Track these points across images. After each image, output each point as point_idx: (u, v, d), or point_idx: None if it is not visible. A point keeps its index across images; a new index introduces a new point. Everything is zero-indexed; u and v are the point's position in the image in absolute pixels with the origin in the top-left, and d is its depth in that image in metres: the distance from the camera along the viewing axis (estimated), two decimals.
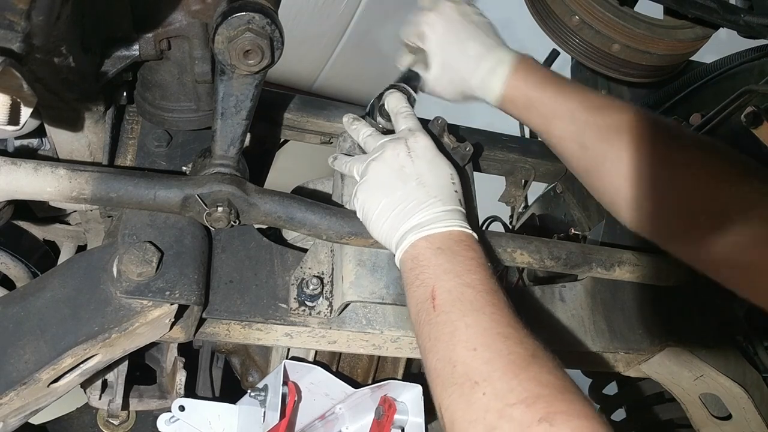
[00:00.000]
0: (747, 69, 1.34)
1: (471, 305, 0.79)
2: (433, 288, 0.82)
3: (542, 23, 1.27)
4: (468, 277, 0.82)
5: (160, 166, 1.06)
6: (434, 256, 0.85)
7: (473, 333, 0.76)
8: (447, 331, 0.78)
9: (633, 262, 1.14)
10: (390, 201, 0.90)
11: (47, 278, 0.91)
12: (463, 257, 0.84)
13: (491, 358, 0.73)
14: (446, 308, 0.80)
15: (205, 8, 0.90)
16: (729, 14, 1.12)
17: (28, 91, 0.71)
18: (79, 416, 1.39)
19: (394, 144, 0.95)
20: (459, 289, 0.81)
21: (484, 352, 0.74)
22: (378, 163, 0.94)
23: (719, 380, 1.21)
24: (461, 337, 0.76)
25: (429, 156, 0.94)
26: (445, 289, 0.81)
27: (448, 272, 0.83)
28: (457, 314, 0.79)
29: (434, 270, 0.84)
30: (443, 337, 0.78)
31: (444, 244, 0.86)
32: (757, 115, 1.12)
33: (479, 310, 0.78)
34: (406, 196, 0.90)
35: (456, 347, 0.76)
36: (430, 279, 0.83)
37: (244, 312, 1.00)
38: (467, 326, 0.77)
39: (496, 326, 0.77)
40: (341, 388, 1.19)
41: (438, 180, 0.92)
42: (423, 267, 0.85)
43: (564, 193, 1.47)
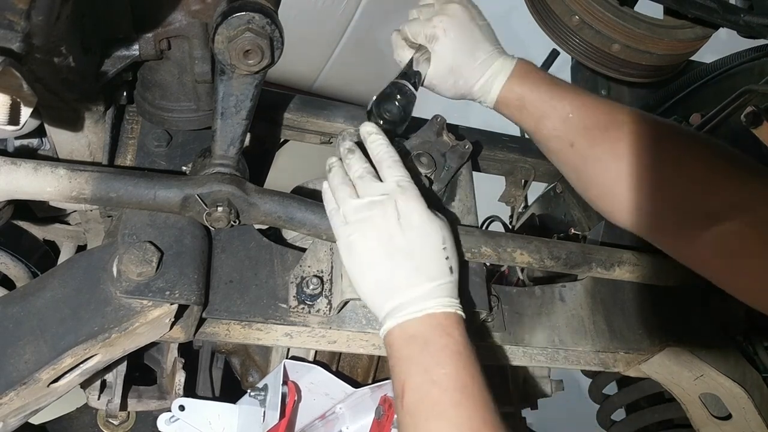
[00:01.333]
0: (747, 69, 1.34)
1: (434, 408, 0.79)
2: (403, 384, 0.82)
3: (542, 23, 1.27)
4: (436, 372, 0.80)
5: (160, 166, 1.06)
6: (406, 346, 0.84)
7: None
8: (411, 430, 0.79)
9: (633, 262, 1.14)
10: (374, 274, 0.88)
11: (47, 278, 0.91)
12: (435, 347, 0.82)
13: None
14: (412, 409, 0.80)
15: (205, 8, 0.90)
16: (729, 14, 1.12)
17: (28, 91, 0.71)
18: (79, 416, 1.39)
19: (383, 207, 0.88)
20: (425, 387, 0.80)
21: None
22: (366, 227, 0.88)
23: (719, 380, 1.21)
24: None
25: (419, 222, 0.88)
26: (412, 388, 0.81)
27: (417, 365, 0.82)
28: (421, 418, 0.79)
29: (405, 363, 0.83)
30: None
31: (418, 331, 0.84)
32: (757, 115, 1.12)
33: (441, 415, 0.78)
34: (392, 272, 0.86)
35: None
36: (402, 373, 0.83)
37: (244, 312, 1.00)
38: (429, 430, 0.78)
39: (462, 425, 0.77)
40: (341, 387, 1.19)
41: (427, 249, 0.87)
42: (397, 358, 0.84)
43: (564, 193, 1.47)
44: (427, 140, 1.07)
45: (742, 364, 1.25)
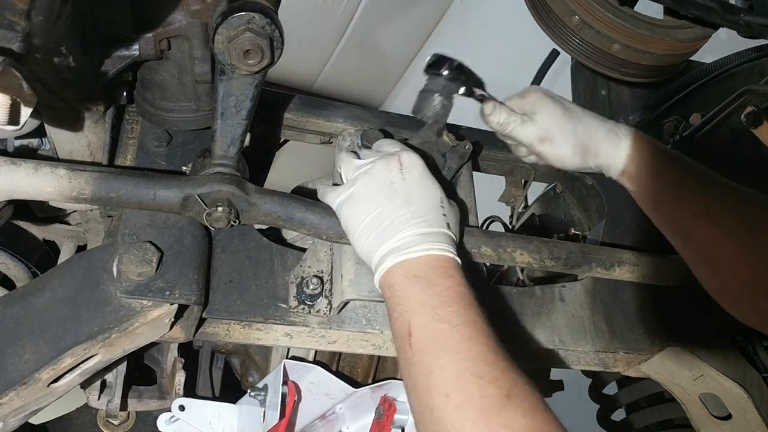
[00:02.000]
0: (747, 69, 1.34)
1: (445, 344, 0.77)
2: (409, 323, 0.80)
3: (542, 23, 1.27)
4: (443, 310, 0.79)
5: (160, 166, 1.06)
6: (409, 286, 0.82)
7: (447, 377, 0.75)
8: (423, 374, 0.77)
9: (633, 262, 1.14)
10: (373, 217, 0.88)
11: (47, 278, 0.91)
12: (439, 287, 0.82)
13: (463, 404, 0.72)
14: (421, 348, 0.78)
15: (205, 8, 0.90)
16: (729, 14, 1.12)
17: (28, 91, 0.71)
18: (79, 416, 1.39)
19: (387, 159, 0.92)
20: (433, 325, 0.79)
21: (457, 398, 0.73)
22: (367, 176, 0.91)
23: (719, 380, 1.21)
24: (436, 381, 0.75)
25: (420, 175, 0.91)
26: (420, 326, 0.79)
27: (423, 305, 0.80)
28: (432, 355, 0.77)
29: (410, 301, 0.81)
30: (420, 379, 0.77)
31: (420, 272, 0.83)
32: (757, 115, 1.12)
33: (453, 348, 0.76)
34: (391, 213, 0.87)
35: (431, 392, 0.75)
36: (406, 313, 0.81)
37: (244, 312, 1.00)
38: (441, 369, 0.76)
39: (471, 366, 0.75)
40: (341, 387, 1.19)
41: (426, 201, 0.89)
42: (399, 297, 0.83)
43: (564, 193, 1.47)
44: (428, 140, 1.07)
45: (742, 364, 1.25)
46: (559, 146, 1.05)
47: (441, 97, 1.05)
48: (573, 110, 1.07)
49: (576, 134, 1.05)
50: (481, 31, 3.70)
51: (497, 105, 1.06)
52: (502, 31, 3.28)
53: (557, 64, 1.60)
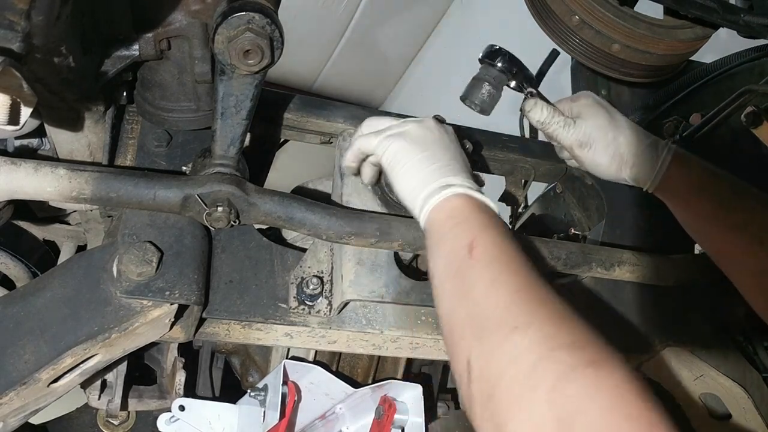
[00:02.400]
0: (747, 69, 1.34)
1: (512, 259, 0.76)
2: (473, 239, 0.79)
3: (542, 23, 1.27)
4: (508, 238, 0.80)
5: (160, 166, 1.06)
6: (476, 212, 0.84)
7: (515, 282, 0.73)
8: (486, 278, 0.75)
9: (633, 262, 1.14)
10: (428, 156, 0.90)
11: (47, 278, 0.91)
12: (501, 224, 0.83)
13: (533, 306, 0.70)
14: (486, 257, 0.77)
15: (205, 8, 0.90)
16: (729, 14, 1.12)
17: (28, 91, 0.71)
18: (79, 416, 1.39)
19: (416, 121, 0.96)
20: (502, 243, 0.78)
21: (527, 300, 0.71)
22: (419, 126, 0.94)
23: (719, 380, 1.21)
24: (501, 284, 0.73)
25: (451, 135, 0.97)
26: (488, 240, 0.79)
27: (490, 227, 0.81)
28: (498, 264, 0.76)
29: (477, 222, 0.82)
30: (481, 283, 0.75)
31: (483, 208, 0.85)
32: (757, 115, 1.12)
33: (521, 264, 0.76)
34: (445, 158, 0.90)
35: (496, 293, 0.73)
36: (470, 231, 0.81)
37: (244, 312, 1.00)
38: (508, 274, 0.74)
39: (537, 283, 0.74)
40: (341, 387, 1.19)
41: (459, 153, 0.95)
42: (460, 219, 0.83)
43: (564, 193, 1.47)
44: None
45: (742, 364, 1.25)
46: (597, 153, 1.08)
47: (490, 86, 1.09)
48: (618, 121, 1.08)
49: (616, 144, 1.07)
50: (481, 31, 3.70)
51: (539, 102, 1.09)
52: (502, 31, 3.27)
53: (557, 64, 1.60)
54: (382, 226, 0.99)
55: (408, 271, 1.04)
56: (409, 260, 1.15)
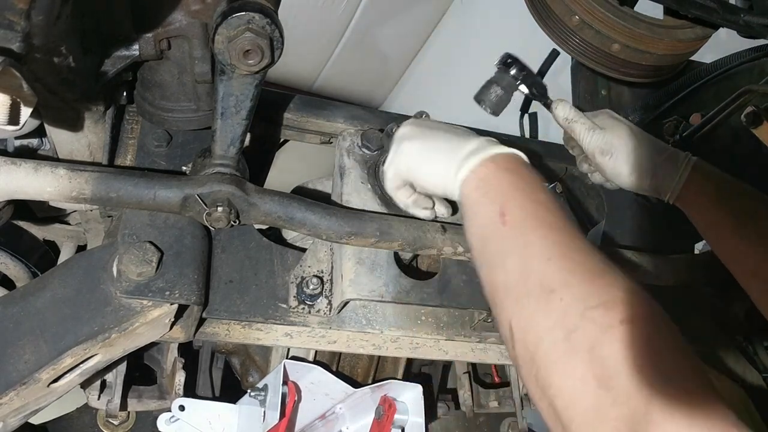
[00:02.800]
0: (747, 69, 1.34)
1: (544, 221, 0.79)
2: (503, 204, 0.81)
3: (542, 23, 1.27)
4: (537, 195, 0.82)
5: (160, 166, 1.06)
6: (502, 176, 0.85)
7: (548, 245, 0.75)
8: (519, 244, 0.77)
9: (633, 262, 1.14)
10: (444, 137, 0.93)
11: (47, 278, 0.91)
12: (529, 177, 0.85)
13: (567, 267, 0.72)
14: (518, 223, 0.79)
15: (205, 8, 0.90)
16: (729, 14, 1.12)
17: (28, 91, 0.71)
18: (79, 416, 1.39)
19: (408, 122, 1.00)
20: (531, 205, 0.80)
21: (560, 262, 0.73)
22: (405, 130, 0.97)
23: (719, 380, 1.21)
24: (535, 249, 0.75)
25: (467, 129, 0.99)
26: (517, 205, 0.81)
27: (518, 190, 0.83)
28: (530, 228, 0.78)
29: (504, 188, 0.84)
30: (515, 249, 0.77)
31: (509, 165, 0.86)
32: (757, 115, 1.12)
33: (552, 225, 0.78)
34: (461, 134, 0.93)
35: (530, 258, 0.75)
36: (500, 196, 0.83)
37: (244, 312, 1.00)
38: (541, 238, 0.76)
39: (569, 240, 0.76)
40: (341, 387, 1.19)
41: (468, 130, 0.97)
42: (491, 186, 0.85)
43: (564, 193, 1.47)
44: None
45: (742, 364, 1.25)
46: (618, 161, 1.09)
47: (501, 90, 1.12)
48: (638, 134, 1.10)
49: (637, 154, 1.08)
50: (481, 31, 3.69)
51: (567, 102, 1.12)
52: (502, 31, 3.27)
53: (557, 64, 1.60)
54: (382, 226, 0.99)
55: (408, 271, 1.04)
56: (409, 260, 1.15)
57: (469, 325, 1.11)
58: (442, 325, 1.09)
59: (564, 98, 1.14)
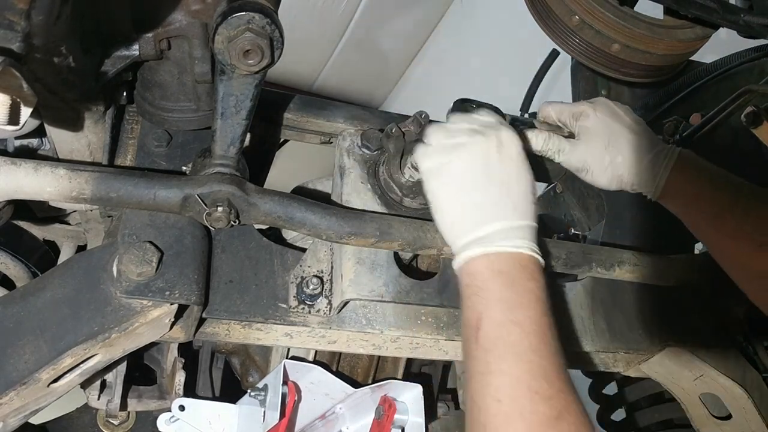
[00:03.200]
0: (747, 69, 1.34)
1: (512, 348, 0.77)
2: (480, 316, 0.79)
3: (542, 23, 1.27)
4: (519, 313, 0.79)
5: (160, 166, 1.06)
6: (492, 279, 0.81)
7: (504, 382, 0.75)
8: (480, 371, 0.77)
9: (633, 262, 1.14)
10: (467, 199, 0.86)
11: (47, 278, 0.91)
12: (521, 288, 0.81)
13: (511, 415, 0.73)
14: (487, 344, 0.78)
15: (205, 8, 0.90)
16: (729, 14, 1.12)
17: (28, 91, 0.71)
18: (79, 416, 1.39)
19: (485, 134, 0.88)
20: (505, 326, 0.78)
21: (508, 407, 0.73)
22: (465, 150, 0.87)
23: (719, 380, 1.21)
24: (492, 382, 0.76)
25: (518, 159, 0.89)
26: (492, 322, 0.79)
27: (500, 301, 0.80)
28: (495, 355, 0.77)
29: (487, 295, 0.81)
30: (476, 377, 0.77)
31: (505, 267, 0.82)
32: (757, 115, 1.12)
33: (519, 356, 0.76)
34: (486, 198, 0.85)
35: (484, 392, 0.75)
36: (481, 305, 0.80)
37: (244, 312, 1.00)
38: (501, 373, 0.76)
39: (529, 378, 0.75)
40: (341, 387, 1.19)
41: (521, 188, 0.87)
42: (477, 288, 0.82)
43: (564, 193, 1.47)
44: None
45: (742, 364, 1.25)
46: (595, 177, 1.07)
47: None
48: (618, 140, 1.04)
49: (613, 167, 1.05)
50: (481, 31, 3.70)
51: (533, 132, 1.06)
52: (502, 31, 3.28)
53: (557, 64, 1.60)
54: (382, 226, 0.99)
55: (408, 271, 1.04)
56: (409, 259, 1.15)
57: None
58: (442, 325, 1.09)
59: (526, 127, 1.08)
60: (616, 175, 1.05)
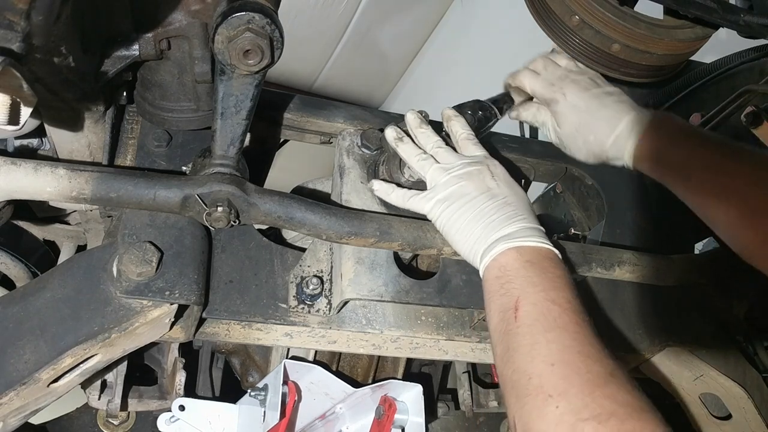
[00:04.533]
0: (747, 69, 1.34)
1: (554, 322, 0.80)
2: (518, 299, 0.83)
3: (542, 23, 1.27)
4: (554, 293, 0.83)
5: (160, 166, 1.06)
6: (523, 268, 0.86)
7: (554, 348, 0.77)
8: (526, 343, 0.79)
9: (633, 262, 1.14)
10: (477, 215, 0.92)
11: (47, 278, 0.91)
12: (551, 273, 0.86)
13: (568, 374, 0.74)
14: (529, 321, 0.81)
15: (205, 8, 0.90)
16: (729, 14, 1.12)
17: (28, 91, 0.71)
18: (79, 416, 1.39)
19: (477, 166, 0.97)
20: (544, 303, 0.82)
21: (563, 368, 0.75)
22: (464, 180, 0.95)
23: (719, 380, 1.21)
24: (541, 351, 0.78)
25: (510, 181, 0.98)
26: (530, 302, 0.82)
27: (535, 285, 0.84)
28: (539, 328, 0.80)
29: (521, 281, 0.85)
30: (522, 348, 0.79)
31: (533, 258, 0.87)
32: (757, 115, 1.12)
33: (562, 327, 0.79)
34: (495, 211, 0.92)
35: (534, 360, 0.77)
36: (516, 290, 0.84)
37: (244, 312, 1.00)
38: (548, 341, 0.78)
39: (578, 345, 0.78)
40: (341, 387, 1.19)
41: (521, 203, 0.95)
42: (510, 277, 0.86)
43: (564, 193, 1.47)
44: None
45: (742, 364, 1.25)
46: (574, 153, 1.13)
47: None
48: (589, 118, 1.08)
49: (587, 145, 1.10)
50: (481, 31, 3.69)
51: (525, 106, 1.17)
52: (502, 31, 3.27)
53: None
54: (382, 226, 0.99)
55: (408, 271, 1.04)
56: (408, 259, 1.15)
57: (468, 324, 1.11)
58: (442, 325, 1.09)
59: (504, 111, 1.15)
60: (591, 152, 1.10)
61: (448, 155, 1.00)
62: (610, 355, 0.77)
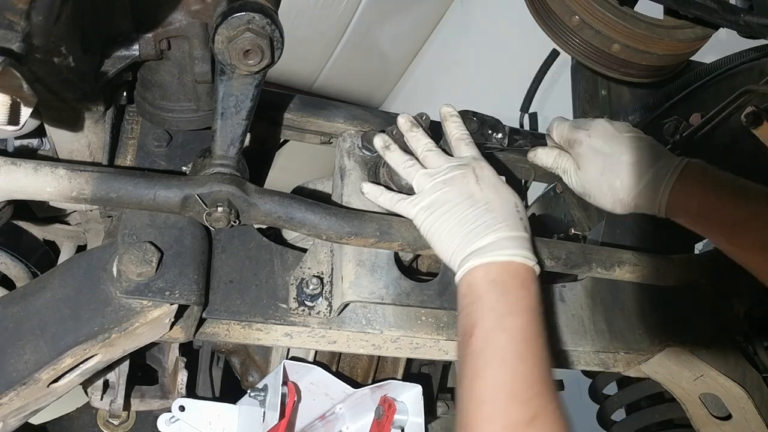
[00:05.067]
0: (747, 69, 1.34)
1: (498, 354, 0.82)
2: (474, 324, 0.85)
3: (542, 23, 1.27)
4: (509, 320, 0.84)
5: (160, 166, 1.06)
6: (486, 289, 0.87)
7: (488, 385, 0.81)
8: (470, 374, 0.83)
9: (633, 262, 1.14)
10: (458, 221, 0.92)
11: (47, 278, 0.91)
12: (513, 296, 0.86)
13: (490, 418, 0.79)
14: (477, 350, 0.84)
15: (205, 8, 0.90)
16: (729, 14, 1.12)
17: (28, 91, 0.71)
18: (79, 416, 1.39)
19: (462, 170, 0.96)
20: (494, 333, 0.84)
21: (487, 410, 0.79)
22: (447, 185, 0.95)
23: (719, 380, 1.21)
24: (476, 387, 0.81)
25: (495, 184, 0.96)
26: (483, 330, 0.84)
27: (493, 310, 0.85)
28: (482, 361, 0.83)
29: (481, 305, 0.86)
30: (465, 381, 0.84)
31: (499, 276, 0.88)
32: (757, 115, 1.12)
33: (502, 361, 0.82)
34: (475, 219, 0.92)
35: (472, 393, 0.82)
36: (475, 313, 0.86)
37: (244, 312, 1.00)
38: (484, 378, 0.81)
39: (510, 383, 0.80)
40: (341, 388, 1.19)
41: (504, 207, 0.94)
42: (473, 297, 0.87)
43: (564, 193, 1.47)
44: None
45: (742, 364, 1.25)
46: (598, 200, 1.09)
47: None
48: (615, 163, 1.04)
49: (613, 192, 1.06)
50: (481, 31, 3.70)
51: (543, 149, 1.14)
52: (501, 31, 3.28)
53: (557, 64, 1.60)
54: (382, 226, 0.99)
55: (408, 272, 1.04)
56: (409, 261, 1.15)
57: None
58: (442, 326, 1.09)
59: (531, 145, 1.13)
60: (618, 199, 1.06)
61: (436, 158, 0.99)
62: (544, 392, 0.80)
